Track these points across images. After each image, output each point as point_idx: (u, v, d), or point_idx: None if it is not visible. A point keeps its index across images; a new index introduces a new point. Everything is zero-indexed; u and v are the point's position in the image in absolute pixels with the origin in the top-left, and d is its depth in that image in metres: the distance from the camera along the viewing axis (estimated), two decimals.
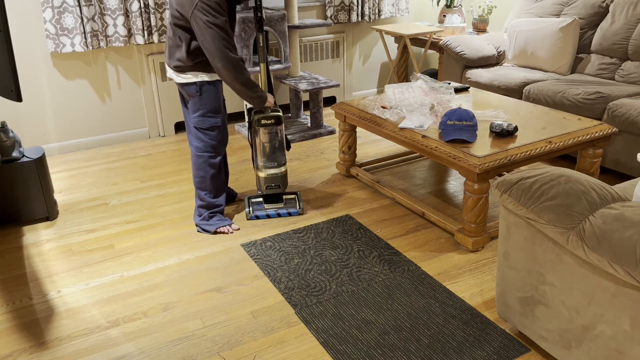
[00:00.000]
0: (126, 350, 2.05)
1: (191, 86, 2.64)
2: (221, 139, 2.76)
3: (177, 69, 2.62)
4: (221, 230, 2.83)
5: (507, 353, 1.96)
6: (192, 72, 2.62)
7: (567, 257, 1.65)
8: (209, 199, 2.82)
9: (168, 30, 2.64)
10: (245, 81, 2.58)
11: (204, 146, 2.74)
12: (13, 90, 2.24)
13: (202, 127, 2.70)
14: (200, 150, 2.75)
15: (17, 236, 2.88)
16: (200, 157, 2.75)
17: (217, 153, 2.76)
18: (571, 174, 1.73)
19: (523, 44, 4.02)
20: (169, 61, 2.66)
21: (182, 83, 2.67)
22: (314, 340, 2.06)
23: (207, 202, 2.83)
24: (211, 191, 2.81)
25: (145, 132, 4.29)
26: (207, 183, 2.79)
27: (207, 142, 2.73)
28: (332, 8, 4.66)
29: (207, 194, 2.81)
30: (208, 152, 2.75)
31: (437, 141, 2.66)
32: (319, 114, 4.26)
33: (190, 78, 2.63)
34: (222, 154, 2.78)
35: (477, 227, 2.58)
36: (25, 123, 3.87)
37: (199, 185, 2.81)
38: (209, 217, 2.85)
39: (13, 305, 2.33)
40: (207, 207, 2.84)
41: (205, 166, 2.76)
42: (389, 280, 2.40)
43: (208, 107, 2.68)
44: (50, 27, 3.68)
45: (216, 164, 2.77)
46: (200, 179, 2.79)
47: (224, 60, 2.47)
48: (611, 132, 2.79)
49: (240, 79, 2.55)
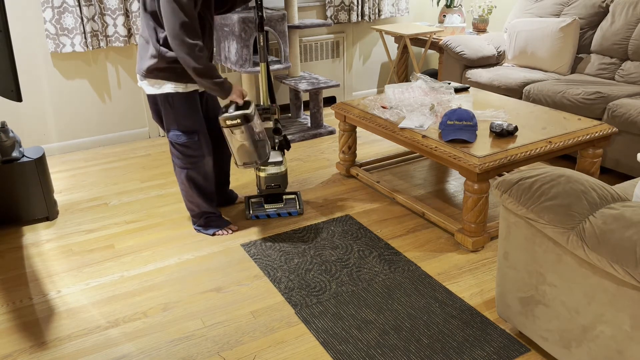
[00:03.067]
0: (126, 350, 2.05)
1: (163, 97, 2.52)
2: (200, 153, 2.63)
3: (150, 73, 2.48)
4: (219, 234, 2.81)
5: (507, 353, 1.96)
6: (166, 81, 2.50)
7: (567, 257, 1.65)
8: (199, 209, 2.78)
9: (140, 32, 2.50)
10: (201, 69, 2.38)
11: (183, 162, 2.64)
12: (13, 90, 2.24)
13: (177, 142, 2.59)
14: (179, 165, 2.65)
15: (17, 236, 2.88)
16: (181, 172, 2.67)
17: (198, 166, 2.65)
18: (571, 174, 1.73)
19: (523, 44, 4.02)
20: (141, 65, 2.51)
21: (154, 94, 2.53)
22: (314, 340, 2.06)
23: (198, 212, 2.79)
24: (199, 201, 2.75)
25: (145, 132, 4.29)
26: (193, 195, 2.72)
27: (184, 157, 2.62)
28: (332, 8, 4.66)
29: (196, 205, 2.76)
30: (188, 168, 2.65)
31: (437, 141, 2.66)
32: (319, 114, 4.26)
33: (163, 88, 2.50)
34: (203, 165, 2.66)
35: (477, 227, 2.58)
36: (25, 123, 3.87)
37: (186, 198, 2.75)
38: (205, 222, 2.83)
39: (13, 305, 2.33)
40: (199, 214, 2.81)
41: (187, 181, 2.68)
42: (389, 280, 2.40)
43: (182, 123, 2.55)
44: (50, 27, 3.68)
45: (198, 177, 2.68)
46: (185, 192, 2.73)
47: (177, 41, 2.33)
48: (611, 132, 2.79)
49: (193, 66, 2.37)
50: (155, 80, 2.53)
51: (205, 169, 2.69)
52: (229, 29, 3.83)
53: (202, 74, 2.40)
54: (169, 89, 2.53)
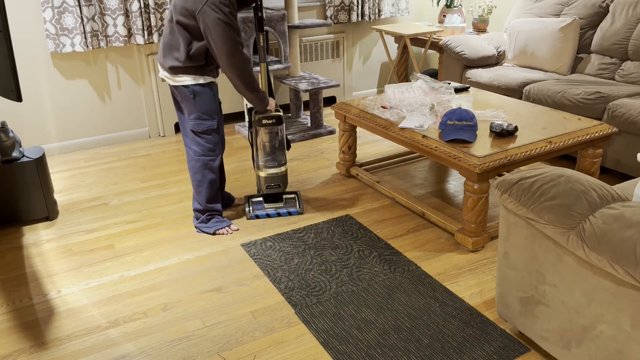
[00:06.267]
0: (126, 350, 2.05)
1: (185, 89, 2.61)
2: (218, 141, 2.73)
3: (172, 70, 2.59)
4: (220, 232, 2.83)
5: (507, 353, 1.96)
6: (186, 75, 2.59)
7: (567, 257, 1.65)
8: (206, 202, 2.81)
9: (165, 29, 2.60)
10: (252, 82, 2.58)
11: (202, 150, 2.71)
12: (13, 90, 2.24)
13: (198, 130, 2.67)
14: (197, 154, 2.72)
15: (17, 236, 2.88)
16: (198, 160, 2.73)
17: (215, 156, 2.74)
18: (571, 174, 1.73)
19: (523, 44, 4.02)
20: (164, 61, 2.61)
21: (175, 85, 2.64)
22: (314, 340, 2.06)
23: (203, 206, 2.82)
24: (208, 195, 2.79)
25: (145, 132, 4.29)
26: (204, 187, 2.77)
27: (204, 145, 2.70)
28: (332, 8, 4.66)
29: (204, 197, 2.79)
30: (206, 156, 2.72)
31: (437, 141, 2.66)
32: (319, 114, 4.26)
33: (184, 81, 2.60)
34: (219, 156, 2.77)
35: (477, 227, 2.58)
36: (25, 123, 3.87)
37: (196, 189, 2.79)
38: (207, 219, 2.85)
39: (13, 305, 2.33)
40: (203, 210, 2.84)
41: (203, 170, 2.74)
42: (389, 280, 2.40)
43: (203, 110, 2.65)
44: (50, 27, 3.68)
45: (215, 167, 2.75)
46: (197, 183, 2.77)
47: (233, 58, 2.46)
48: (611, 132, 2.79)
49: (247, 80, 2.55)
50: (176, 75, 2.62)
51: (218, 164, 2.77)
52: None
53: (252, 87, 2.60)
54: (189, 81, 2.61)
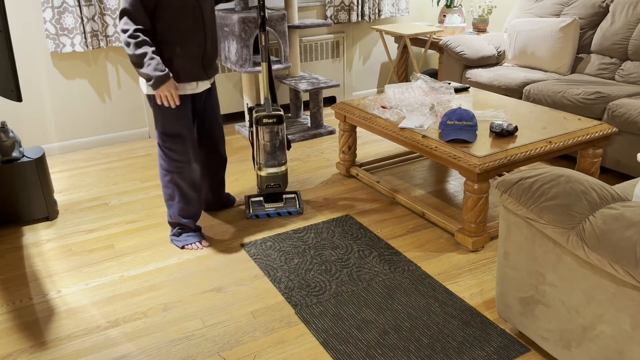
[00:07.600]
0: (126, 350, 2.05)
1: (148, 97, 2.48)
2: (185, 159, 2.55)
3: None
4: (189, 247, 2.70)
5: (507, 353, 1.96)
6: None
7: (567, 257, 1.65)
8: (176, 216, 2.67)
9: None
10: (135, 58, 2.31)
11: (168, 165, 2.56)
12: (13, 90, 2.24)
13: (162, 144, 2.53)
14: (164, 168, 2.58)
15: (17, 236, 2.88)
16: (165, 175, 2.59)
17: (183, 172, 2.57)
18: (571, 174, 1.73)
19: (523, 44, 4.02)
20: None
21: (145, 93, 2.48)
22: (314, 340, 2.06)
23: (174, 219, 2.69)
24: (179, 209, 2.64)
25: (145, 132, 4.29)
26: (174, 201, 2.63)
27: (169, 161, 2.55)
28: (332, 8, 4.66)
29: (175, 211, 2.66)
30: (173, 171, 2.56)
31: (437, 141, 2.66)
32: (319, 114, 4.26)
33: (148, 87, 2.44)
34: (188, 170, 2.58)
35: (477, 227, 2.58)
36: (25, 123, 3.87)
37: (167, 203, 2.66)
38: (178, 232, 2.73)
39: (13, 305, 2.33)
40: (173, 224, 2.72)
41: (172, 185, 2.59)
42: (389, 280, 2.40)
43: (166, 125, 2.48)
44: (50, 27, 3.68)
45: (183, 183, 2.59)
46: (167, 197, 2.64)
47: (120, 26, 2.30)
48: (611, 132, 2.79)
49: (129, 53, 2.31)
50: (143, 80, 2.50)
51: (192, 175, 2.61)
52: (229, 29, 3.83)
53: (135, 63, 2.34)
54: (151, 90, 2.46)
